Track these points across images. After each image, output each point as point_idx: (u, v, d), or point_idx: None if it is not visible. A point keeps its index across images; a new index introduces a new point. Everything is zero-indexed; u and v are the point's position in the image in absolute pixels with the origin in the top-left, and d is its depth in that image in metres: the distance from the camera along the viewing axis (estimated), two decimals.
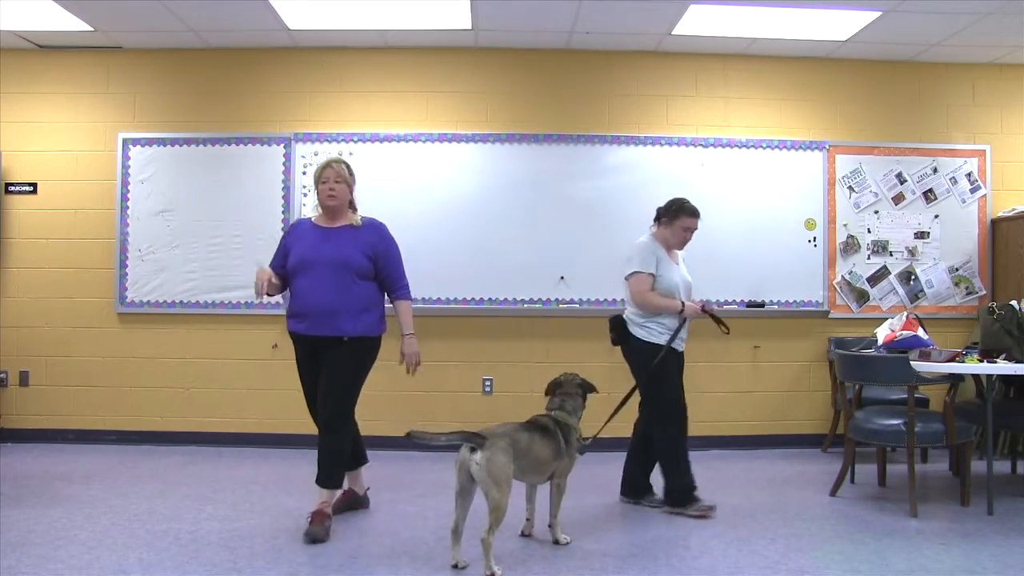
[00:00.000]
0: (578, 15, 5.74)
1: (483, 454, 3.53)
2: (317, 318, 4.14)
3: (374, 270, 4.26)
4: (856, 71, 6.54)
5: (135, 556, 3.70)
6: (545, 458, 3.85)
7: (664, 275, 4.57)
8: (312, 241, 4.23)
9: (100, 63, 6.43)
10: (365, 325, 4.21)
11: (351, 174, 4.32)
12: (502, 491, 3.53)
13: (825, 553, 3.84)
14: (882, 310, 6.38)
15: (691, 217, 4.67)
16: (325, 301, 4.12)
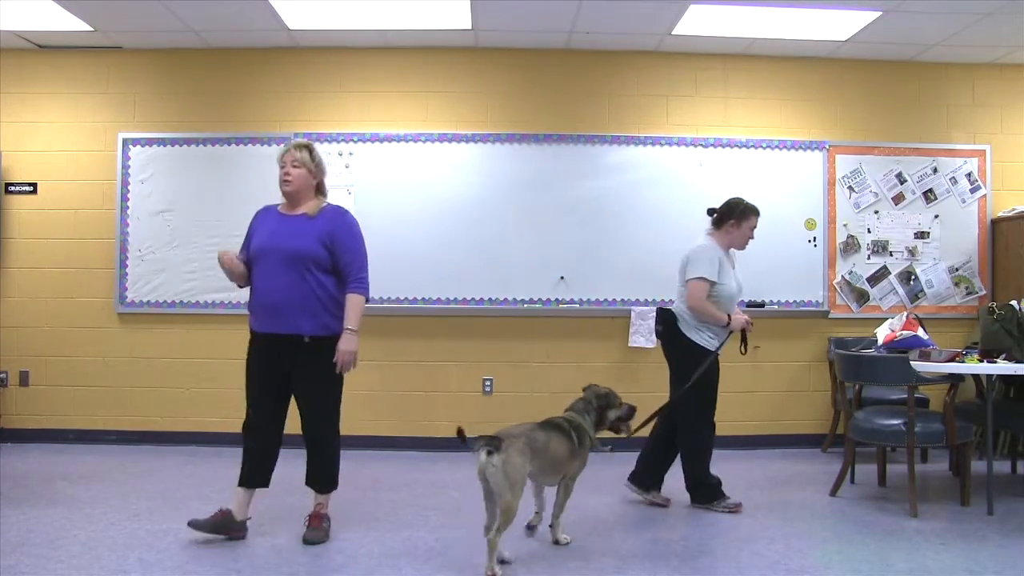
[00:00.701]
0: (578, 15, 5.74)
1: (500, 456, 3.53)
2: (272, 313, 3.87)
3: (332, 261, 3.93)
4: (856, 71, 6.54)
5: (135, 556, 3.70)
6: (560, 458, 3.85)
7: (725, 283, 4.56)
8: (270, 228, 3.98)
9: (100, 63, 6.43)
10: (326, 324, 3.90)
11: (315, 160, 4.01)
12: (515, 494, 3.53)
13: (825, 553, 3.84)
14: (882, 310, 6.38)
15: (756, 216, 4.70)
16: (277, 294, 3.84)
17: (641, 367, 6.34)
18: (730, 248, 4.72)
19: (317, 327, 3.87)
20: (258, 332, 3.97)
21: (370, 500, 4.80)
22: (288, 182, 3.96)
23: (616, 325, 6.31)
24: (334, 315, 3.93)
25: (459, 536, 4.09)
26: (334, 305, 3.94)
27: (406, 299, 6.26)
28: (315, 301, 3.87)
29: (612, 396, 4.15)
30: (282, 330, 3.85)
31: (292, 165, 3.95)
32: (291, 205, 4.02)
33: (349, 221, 4.06)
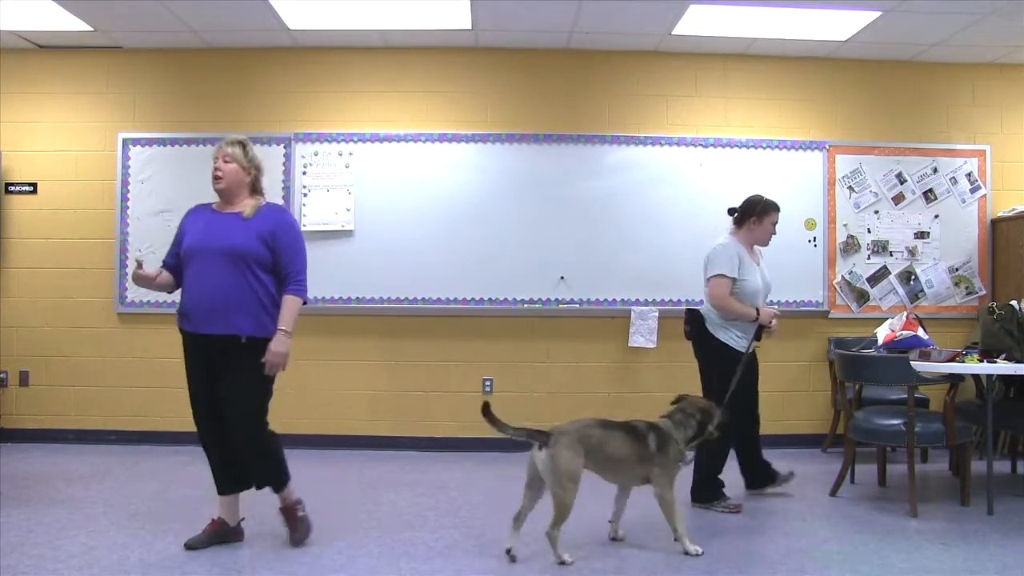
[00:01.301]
0: (578, 15, 5.74)
1: (548, 451, 3.59)
2: (207, 314, 3.66)
3: (272, 260, 3.76)
4: (856, 71, 6.54)
5: (136, 556, 3.70)
6: (621, 457, 3.78)
7: (747, 279, 4.60)
8: (203, 226, 3.78)
9: (100, 63, 6.43)
10: (264, 324, 3.71)
11: (248, 156, 3.85)
12: (565, 488, 3.58)
13: (825, 553, 3.84)
14: (882, 310, 6.38)
15: (777, 212, 4.76)
16: (215, 294, 3.65)
17: (641, 367, 6.35)
18: (754, 245, 4.78)
19: (256, 327, 3.70)
20: (193, 334, 3.74)
21: (370, 500, 4.80)
22: (219, 178, 3.78)
23: (616, 325, 6.31)
24: (272, 316, 3.75)
25: (459, 536, 4.09)
26: (273, 305, 3.76)
27: (406, 299, 6.26)
28: (255, 301, 3.70)
29: (713, 409, 4.05)
30: (220, 331, 3.66)
31: (223, 160, 3.79)
32: (224, 203, 3.85)
33: (290, 221, 3.95)
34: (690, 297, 6.23)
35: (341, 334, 6.32)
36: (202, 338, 3.71)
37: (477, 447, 6.16)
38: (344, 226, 6.26)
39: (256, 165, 3.91)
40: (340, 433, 6.28)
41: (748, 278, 4.61)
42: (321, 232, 6.25)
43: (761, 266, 4.77)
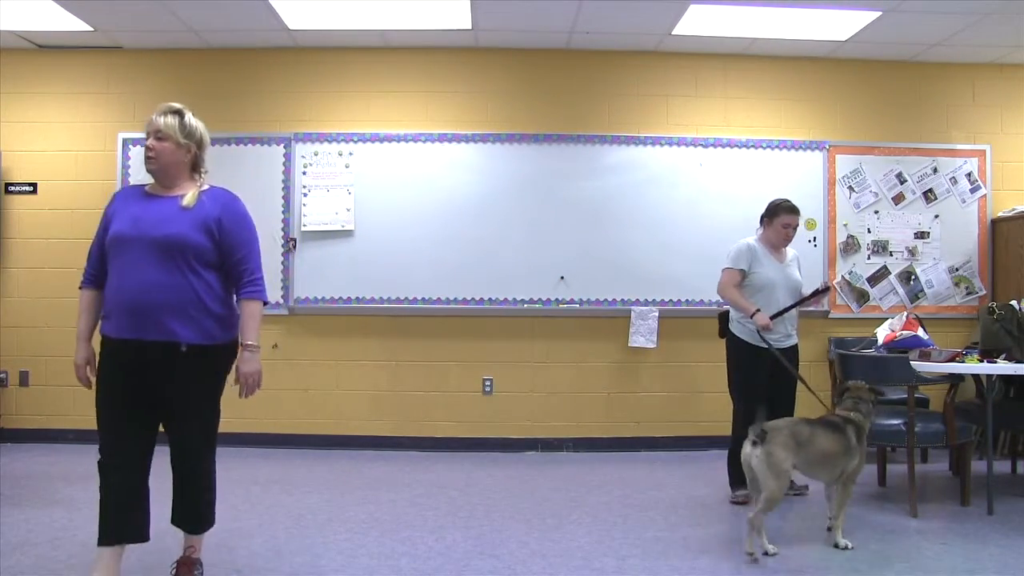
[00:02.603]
0: (578, 15, 5.74)
1: (764, 448, 3.71)
2: (138, 316, 3.04)
3: (218, 254, 3.17)
4: (856, 71, 6.54)
5: (135, 556, 3.69)
6: (830, 453, 3.89)
7: (759, 272, 4.84)
8: (133, 213, 3.15)
9: (100, 63, 6.43)
10: (208, 330, 3.13)
11: (187, 128, 3.26)
12: (778, 483, 3.72)
13: (825, 553, 3.84)
14: (882, 310, 6.38)
15: (788, 214, 4.92)
16: (146, 293, 3.03)
17: (641, 367, 6.35)
18: (771, 245, 4.95)
19: (197, 334, 3.09)
20: (117, 339, 3.15)
21: (370, 500, 4.80)
22: (151, 159, 3.20)
23: (616, 325, 6.31)
24: (218, 319, 3.16)
25: (459, 536, 4.09)
26: (220, 307, 3.18)
27: (406, 299, 6.26)
28: (195, 302, 3.09)
29: (877, 390, 4.20)
30: (151, 336, 3.05)
31: (156, 137, 3.20)
32: (161, 186, 3.25)
33: (240, 209, 3.29)
34: (690, 297, 6.25)
35: (341, 334, 6.31)
36: (129, 345, 3.10)
37: (477, 447, 6.18)
38: (344, 226, 6.26)
39: (197, 138, 3.29)
40: (340, 433, 6.28)
41: (760, 271, 4.83)
42: (321, 232, 6.25)
43: (786, 264, 4.97)
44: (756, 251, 4.89)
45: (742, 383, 4.88)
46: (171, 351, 3.07)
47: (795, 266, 5.04)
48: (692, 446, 6.20)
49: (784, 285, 4.89)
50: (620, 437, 6.32)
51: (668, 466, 5.80)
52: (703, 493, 5.02)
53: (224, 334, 3.20)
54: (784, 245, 4.97)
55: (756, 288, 4.86)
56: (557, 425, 6.30)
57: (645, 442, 6.28)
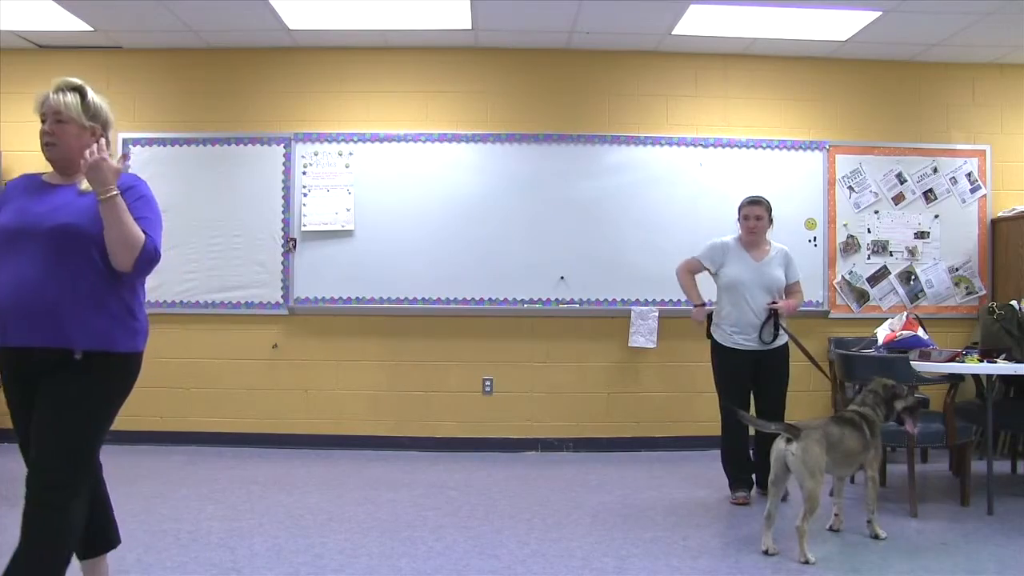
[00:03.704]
0: (578, 15, 5.74)
1: (799, 444, 3.72)
2: (25, 319, 2.59)
3: None
4: (856, 71, 6.54)
5: (134, 556, 3.70)
6: (854, 450, 3.96)
7: (726, 271, 4.90)
8: (24, 203, 2.72)
9: (100, 63, 6.42)
10: (109, 334, 2.66)
11: (91, 109, 2.87)
12: (816, 481, 3.72)
13: (825, 553, 3.83)
14: (882, 310, 6.37)
15: (747, 206, 4.94)
16: (35, 291, 2.58)
17: (641, 367, 6.35)
18: (745, 242, 4.96)
19: (94, 338, 2.63)
20: (6, 349, 2.66)
21: (370, 500, 4.80)
22: (50, 145, 2.77)
23: (616, 325, 6.31)
24: (121, 323, 2.70)
25: (459, 536, 4.09)
26: (122, 309, 2.71)
27: (406, 299, 6.26)
28: (93, 302, 2.64)
29: (899, 387, 4.19)
30: (43, 342, 2.60)
31: (55, 119, 2.79)
32: (61, 174, 2.82)
33: (141, 188, 2.79)
34: None
35: (341, 334, 6.31)
36: (14, 353, 2.65)
37: (477, 447, 6.18)
38: (344, 226, 6.26)
39: (103, 119, 2.87)
40: (340, 433, 6.28)
41: (729, 269, 4.89)
42: (321, 232, 6.25)
43: (764, 263, 4.91)
44: (728, 248, 4.93)
45: (720, 384, 4.97)
46: (62, 358, 2.61)
47: (778, 263, 4.96)
48: (692, 446, 6.20)
49: (757, 284, 4.84)
50: (620, 437, 6.32)
51: (668, 466, 5.80)
52: (703, 493, 5.02)
53: (127, 341, 2.71)
54: (749, 237, 4.91)
55: (724, 287, 4.91)
56: (557, 425, 6.30)
57: (645, 442, 6.28)
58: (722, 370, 4.94)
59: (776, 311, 4.82)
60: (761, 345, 4.83)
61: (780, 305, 4.84)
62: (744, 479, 4.86)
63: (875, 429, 4.07)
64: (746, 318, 4.82)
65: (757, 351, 4.83)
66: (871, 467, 4.09)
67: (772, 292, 4.87)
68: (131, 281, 2.75)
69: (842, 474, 4.18)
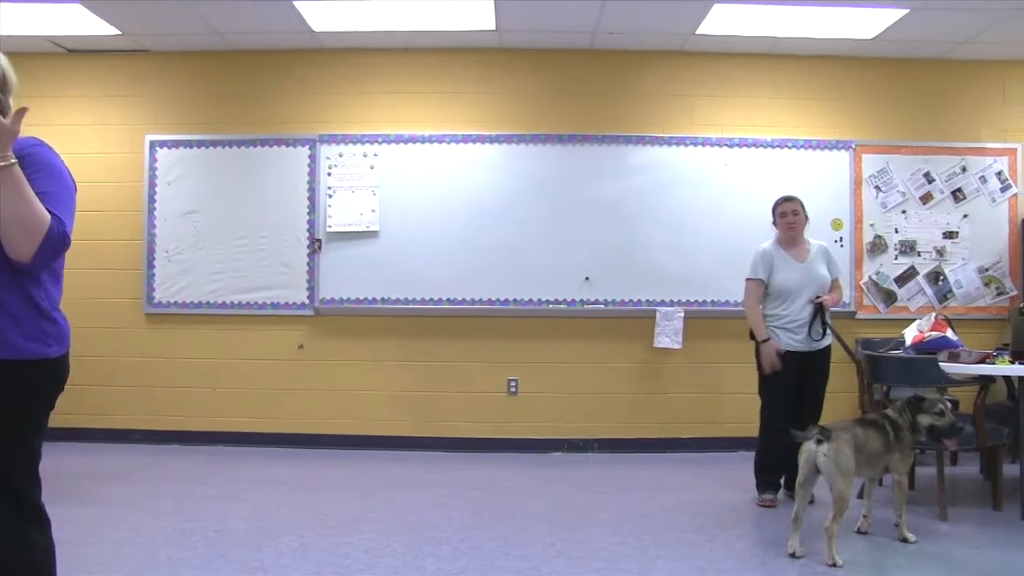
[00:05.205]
0: (602, 15, 5.73)
1: (830, 446, 3.71)
2: None
3: None
4: (882, 69, 6.47)
5: (164, 554, 3.74)
6: (877, 451, 3.94)
7: (776, 279, 4.82)
8: None
9: (127, 66, 6.49)
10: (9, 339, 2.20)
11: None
12: (847, 482, 3.71)
13: (853, 556, 3.79)
14: (910, 311, 6.30)
15: (783, 203, 4.90)
16: None
17: (666, 368, 6.32)
18: (785, 242, 4.91)
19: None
20: None
21: (395, 500, 4.81)
22: None
23: (641, 326, 6.28)
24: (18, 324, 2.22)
25: (483, 536, 4.09)
26: (20, 308, 2.22)
27: (431, 299, 6.27)
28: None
29: (928, 402, 4.09)
30: None
31: None
32: None
33: (44, 155, 2.27)
34: (715, 298, 6.23)
35: (366, 335, 6.34)
36: None
37: (502, 448, 6.18)
38: (369, 227, 6.28)
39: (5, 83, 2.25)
40: (365, 433, 6.30)
41: (778, 276, 4.81)
42: (346, 233, 6.28)
43: (808, 262, 4.87)
44: (771, 256, 4.87)
45: (766, 384, 4.90)
46: None
47: (820, 260, 4.91)
48: (718, 447, 6.17)
49: (808, 285, 4.81)
50: (646, 438, 6.29)
51: (693, 468, 5.77)
52: (729, 495, 4.99)
53: (29, 345, 2.25)
54: (790, 235, 4.87)
55: (777, 294, 4.84)
56: (582, 426, 6.29)
57: (670, 443, 6.25)
58: (769, 373, 4.84)
59: (822, 304, 4.78)
60: (808, 346, 4.79)
61: (826, 298, 4.80)
62: (772, 481, 4.82)
63: (900, 432, 4.02)
64: (795, 317, 4.79)
65: (803, 352, 4.79)
66: (897, 470, 4.04)
67: (821, 290, 4.83)
68: (37, 272, 2.24)
69: (867, 476, 4.14)
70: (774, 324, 4.83)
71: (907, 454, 4.08)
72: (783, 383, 4.79)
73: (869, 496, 4.21)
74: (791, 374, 4.78)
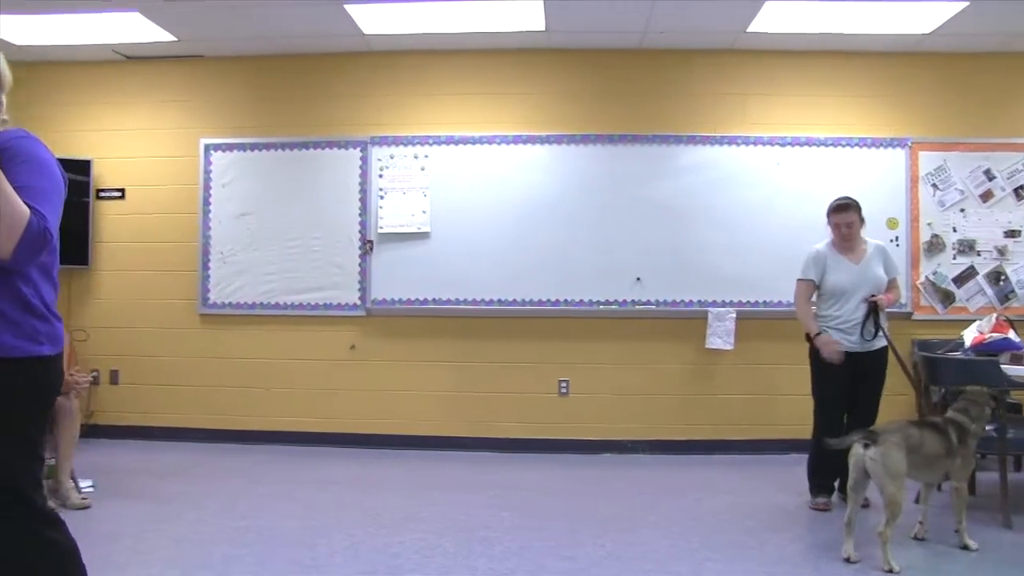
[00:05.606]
0: (652, 14, 5.69)
1: (877, 449, 3.67)
2: None
3: None
4: (940, 64, 6.32)
5: (219, 551, 3.80)
6: (935, 454, 3.84)
7: (829, 279, 4.78)
8: None
9: (183, 72, 6.62)
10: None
11: None
12: (896, 485, 3.65)
13: (910, 562, 3.71)
14: (969, 311, 6.14)
15: (835, 213, 4.80)
16: None
17: (718, 369, 6.26)
18: (839, 245, 4.85)
19: None
20: None
21: (446, 500, 4.84)
22: None
23: (692, 327, 6.23)
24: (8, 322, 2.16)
25: (533, 537, 4.09)
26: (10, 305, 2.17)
27: (481, 300, 6.29)
28: None
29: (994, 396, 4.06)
30: None
31: None
32: None
33: (26, 146, 2.19)
34: (767, 298, 6.15)
35: (416, 335, 6.38)
36: None
37: (552, 449, 6.17)
38: (420, 228, 6.32)
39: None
40: (415, 433, 6.34)
41: (831, 277, 4.76)
42: (398, 234, 6.33)
43: (864, 263, 4.78)
44: (825, 256, 4.81)
45: (818, 386, 4.84)
46: None
47: (877, 260, 4.81)
48: (770, 450, 6.09)
49: (862, 285, 4.73)
50: (696, 440, 6.24)
51: (745, 470, 5.71)
52: (781, 498, 4.93)
53: (19, 344, 2.17)
54: (843, 244, 4.79)
55: (830, 295, 4.79)
56: (633, 427, 6.25)
57: (721, 445, 6.19)
58: (821, 372, 4.79)
59: (876, 304, 4.69)
60: (862, 346, 4.70)
61: (880, 298, 4.71)
62: (825, 484, 4.75)
63: (965, 436, 3.91)
64: (849, 318, 4.71)
65: (857, 353, 4.70)
66: (957, 476, 3.91)
67: (876, 290, 4.74)
68: (19, 269, 2.16)
69: (924, 480, 4.04)
70: (827, 324, 4.76)
71: (969, 460, 3.97)
72: (836, 383, 4.73)
73: (925, 502, 4.12)
74: (845, 375, 4.70)
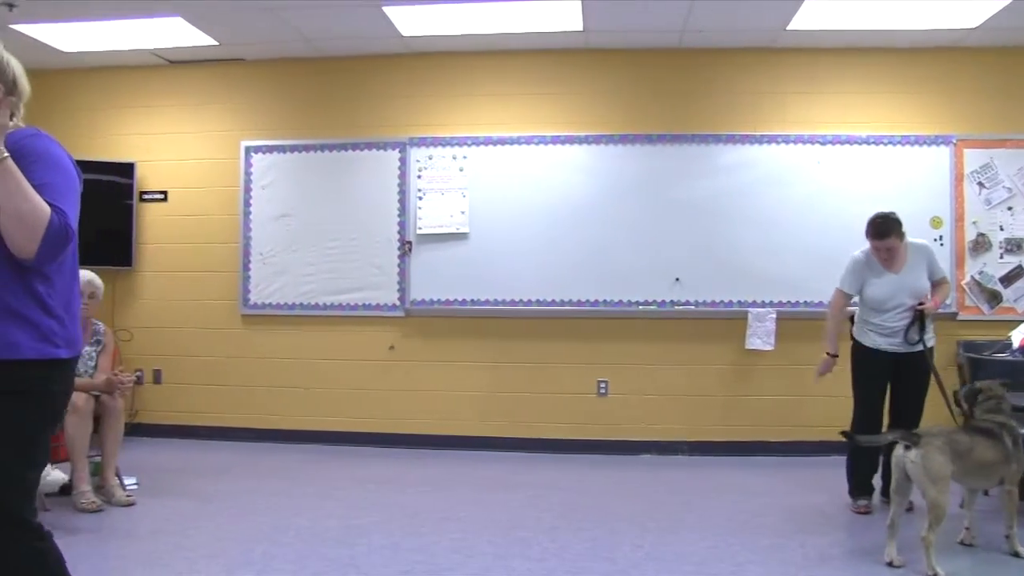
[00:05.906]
0: (690, 14, 5.65)
1: (918, 451, 3.60)
2: None
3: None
4: (985, 59, 6.19)
5: (260, 549, 3.85)
6: (991, 461, 3.74)
7: (867, 291, 4.67)
8: None
9: (223, 75, 6.71)
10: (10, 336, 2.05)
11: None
12: (939, 489, 3.55)
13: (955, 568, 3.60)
14: (1017, 312, 6.02)
15: (872, 239, 4.59)
16: None
17: (757, 370, 6.20)
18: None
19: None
20: None
21: (484, 500, 4.85)
22: None
23: (732, 327, 6.18)
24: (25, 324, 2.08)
25: (572, 538, 4.08)
26: (27, 306, 2.09)
27: (520, 300, 6.29)
28: None
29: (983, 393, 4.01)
30: None
31: None
32: None
33: (39, 145, 2.14)
34: (808, 299, 6.08)
35: (455, 336, 6.40)
36: None
37: (591, 449, 6.16)
38: (459, 229, 6.34)
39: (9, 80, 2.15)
40: (454, 433, 6.36)
41: (868, 289, 4.66)
42: (436, 235, 6.36)
43: (905, 271, 4.60)
44: (865, 266, 4.67)
45: (859, 384, 4.75)
46: None
47: (919, 265, 4.64)
48: (810, 451, 6.01)
49: (899, 295, 4.57)
50: (736, 441, 6.19)
51: (785, 471, 5.65)
52: (821, 500, 4.87)
53: (39, 346, 2.09)
54: (885, 264, 4.62)
55: (868, 304, 4.68)
56: (672, 428, 6.22)
57: (761, 446, 6.13)
58: (861, 370, 4.72)
59: (923, 311, 4.55)
60: (904, 347, 4.60)
61: (927, 305, 4.55)
62: (864, 484, 4.68)
63: (1018, 440, 3.79)
64: (889, 325, 4.60)
65: (898, 353, 4.61)
66: (1010, 480, 3.78)
67: (916, 299, 4.59)
68: (42, 269, 2.11)
69: (976, 486, 3.94)
70: (869, 328, 4.68)
71: (1022, 462, 3.84)
72: (876, 382, 4.66)
73: (970, 507, 3.99)
74: (886, 374, 4.64)
